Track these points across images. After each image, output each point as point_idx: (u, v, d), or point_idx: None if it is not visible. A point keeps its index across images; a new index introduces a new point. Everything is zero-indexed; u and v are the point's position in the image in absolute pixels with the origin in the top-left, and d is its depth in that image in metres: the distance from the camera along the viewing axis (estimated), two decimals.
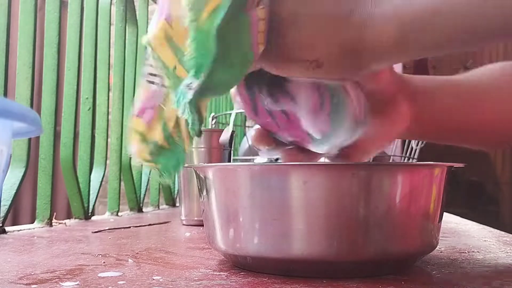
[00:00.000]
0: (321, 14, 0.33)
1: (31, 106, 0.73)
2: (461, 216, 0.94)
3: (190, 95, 0.30)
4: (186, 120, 0.31)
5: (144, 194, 1.09)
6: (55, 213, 0.75)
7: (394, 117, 0.43)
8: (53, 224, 0.74)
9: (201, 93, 0.30)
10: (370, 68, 0.35)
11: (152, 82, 0.36)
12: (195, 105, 0.30)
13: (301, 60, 0.33)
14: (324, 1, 0.33)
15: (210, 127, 1.06)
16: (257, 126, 0.41)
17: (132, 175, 1.03)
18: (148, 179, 1.13)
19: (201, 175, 0.40)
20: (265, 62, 0.34)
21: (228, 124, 1.42)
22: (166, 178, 0.36)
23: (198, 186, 0.42)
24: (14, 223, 1.13)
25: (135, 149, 0.36)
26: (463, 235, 0.64)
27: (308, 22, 0.33)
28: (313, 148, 0.40)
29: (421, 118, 0.44)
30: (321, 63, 0.33)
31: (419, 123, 0.45)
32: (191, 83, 0.30)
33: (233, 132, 0.80)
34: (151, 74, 0.36)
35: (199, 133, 0.32)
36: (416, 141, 1.04)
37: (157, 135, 0.35)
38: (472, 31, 0.31)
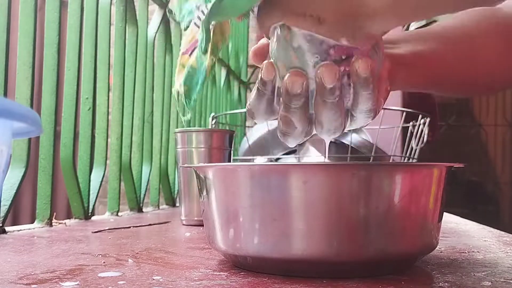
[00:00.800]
0: None
1: (31, 106, 0.73)
2: (461, 216, 0.94)
3: (201, 15, 0.35)
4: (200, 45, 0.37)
5: (144, 194, 1.09)
6: (55, 213, 0.75)
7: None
8: (53, 224, 0.74)
9: (211, 15, 0.34)
10: (370, 33, 0.37)
11: (199, 26, 0.40)
12: (207, 25, 0.34)
13: (305, 14, 0.35)
14: None
15: (210, 127, 1.06)
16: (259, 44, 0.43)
17: (132, 175, 1.03)
18: (148, 179, 1.13)
19: (201, 175, 0.40)
20: (279, 11, 0.36)
21: (228, 124, 1.42)
22: (188, 102, 0.41)
23: (198, 186, 0.42)
24: (14, 223, 1.13)
25: (177, 79, 0.41)
26: (463, 235, 0.64)
27: None
28: None
29: (404, 74, 0.46)
30: (323, 20, 0.35)
31: (402, 79, 0.46)
32: (201, 5, 0.35)
33: (233, 132, 0.80)
34: (199, 18, 0.40)
35: (205, 51, 0.37)
36: (416, 141, 1.04)
37: (191, 60, 0.41)
38: None
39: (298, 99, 0.38)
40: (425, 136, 1.04)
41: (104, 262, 0.42)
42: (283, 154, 1.24)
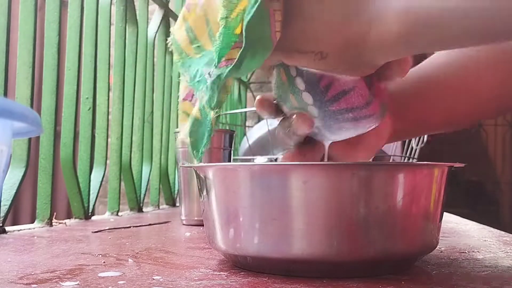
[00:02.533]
0: (328, 9, 0.34)
1: (31, 106, 0.73)
2: (461, 216, 0.94)
3: (214, 76, 0.35)
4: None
5: (144, 194, 1.09)
6: (55, 213, 0.75)
7: (377, 131, 0.44)
8: (53, 224, 0.74)
9: (228, 75, 0.35)
10: (372, 63, 0.35)
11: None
12: (218, 85, 0.35)
13: (306, 51, 0.34)
14: None
15: None
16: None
17: (132, 175, 1.03)
18: (148, 179, 1.13)
19: (201, 175, 0.40)
20: (279, 51, 0.35)
21: (228, 124, 1.42)
22: (195, 154, 0.41)
23: (198, 186, 0.42)
24: (14, 223, 1.13)
25: (183, 129, 0.41)
26: (463, 235, 0.64)
27: (316, 14, 0.34)
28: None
29: (403, 124, 0.47)
30: (325, 55, 0.34)
31: (403, 129, 0.47)
32: (210, 68, 0.36)
33: (233, 132, 0.80)
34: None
35: (216, 106, 0.37)
36: (416, 141, 1.04)
37: (195, 110, 0.40)
38: (476, 30, 0.31)
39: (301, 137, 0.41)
40: (425, 136, 1.04)
41: (104, 262, 0.42)
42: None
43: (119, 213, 0.95)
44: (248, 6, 0.32)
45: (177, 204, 1.22)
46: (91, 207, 0.86)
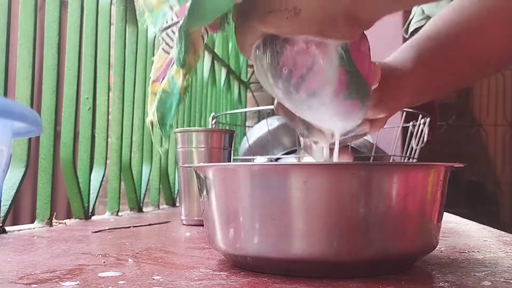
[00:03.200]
0: None
1: (31, 106, 0.73)
2: (461, 216, 0.94)
3: (178, 26, 0.33)
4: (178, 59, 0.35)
5: (144, 194, 1.09)
6: (55, 213, 0.75)
7: (395, 93, 0.44)
8: (53, 224, 0.74)
9: (189, 21, 0.32)
10: (357, 14, 0.34)
11: (168, 52, 0.40)
12: (185, 32, 0.33)
13: (279, 9, 0.33)
14: None
15: (210, 127, 1.06)
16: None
17: (132, 175, 1.03)
18: (148, 179, 1.13)
19: (201, 175, 0.40)
20: (253, 17, 0.34)
21: (228, 124, 1.42)
22: (163, 130, 0.39)
23: (198, 186, 0.42)
24: (14, 223, 1.13)
25: (150, 109, 0.39)
26: (463, 235, 0.64)
27: None
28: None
29: (421, 85, 0.46)
30: (299, 11, 0.33)
31: (420, 89, 0.46)
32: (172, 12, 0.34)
33: (233, 132, 0.80)
34: (169, 46, 0.39)
35: (184, 62, 0.34)
36: (416, 141, 1.04)
37: (163, 84, 0.38)
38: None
39: None
40: (425, 136, 1.04)
41: (104, 262, 0.42)
42: (283, 154, 1.24)
43: (119, 213, 0.95)
44: None
45: (177, 204, 1.22)
46: (91, 207, 0.86)
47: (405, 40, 1.11)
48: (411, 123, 1.05)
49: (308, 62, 0.36)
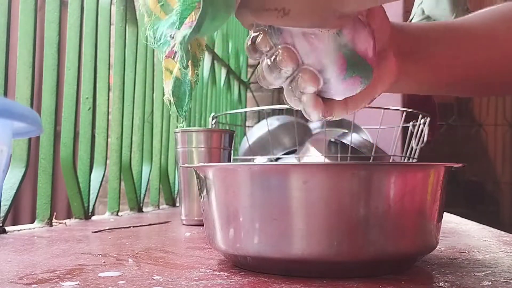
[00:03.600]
0: None
1: (31, 106, 0.73)
2: (461, 216, 0.94)
3: (179, 38, 0.34)
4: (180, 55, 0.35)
5: (144, 194, 1.09)
6: (55, 213, 0.75)
7: (380, 72, 0.41)
8: (53, 224, 0.74)
9: (190, 37, 0.33)
10: (341, 8, 0.35)
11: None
12: (184, 47, 0.34)
13: (270, 8, 0.34)
14: None
15: (210, 127, 1.06)
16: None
17: (132, 175, 1.03)
18: (148, 179, 1.13)
19: (201, 175, 0.40)
20: (248, 11, 0.35)
21: (228, 124, 1.42)
22: (179, 112, 0.40)
23: (198, 186, 0.42)
24: (14, 223, 1.13)
25: (166, 87, 0.40)
26: (463, 235, 0.64)
27: None
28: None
29: (414, 72, 0.43)
30: (288, 11, 0.34)
31: (411, 76, 0.44)
32: (173, 30, 0.35)
33: (233, 132, 0.80)
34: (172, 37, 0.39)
35: (186, 67, 0.36)
36: (416, 141, 1.04)
37: (175, 69, 0.39)
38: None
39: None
40: (425, 136, 1.04)
41: (104, 262, 0.42)
42: (283, 154, 1.24)
43: (119, 213, 0.95)
44: None
45: (177, 204, 1.22)
46: (91, 207, 0.86)
47: None
48: (411, 123, 1.05)
49: (305, 47, 0.37)
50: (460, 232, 0.67)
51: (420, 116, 1.04)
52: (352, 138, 1.04)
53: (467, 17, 0.47)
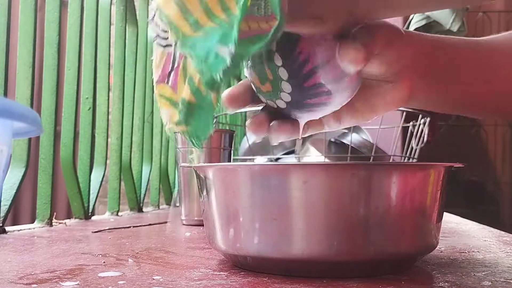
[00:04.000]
0: None
1: (31, 106, 0.73)
2: (461, 216, 0.94)
3: (235, 53, 0.29)
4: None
5: (144, 194, 1.09)
6: (55, 213, 0.75)
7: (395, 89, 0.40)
8: (53, 224, 0.74)
9: (259, 46, 0.29)
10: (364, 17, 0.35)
11: (165, 45, 0.35)
12: (236, 64, 0.29)
13: (307, 16, 0.33)
14: None
15: None
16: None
17: (132, 175, 1.03)
18: (148, 179, 1.13)
19: (201, 175, 0.40)
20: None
21: (228, 124, 1.41)
22: (196, 143, 0.35)
23: (198, 186, 0.42)
24: (14, 223, 1.13)
25: (166, 116, 0.36)
26: (463, 235, 0.64)
27: None
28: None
29: (430, 87, 0.41)
30: (326, 20, 0.34)
31: (428, 92, 0.41)
32: (228, 45, 0.29)
33: (233, 132, 0.80)
34: (161, 37, 0.35)
35: (219, 87, 0.31)
36: (416, 141, 1.04)
37: (184, 93, 0.34)
38: None
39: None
40: (425, 136, 1.04)
41: (104, 262, 0.42)
42: (283, 154, 1.24)
43: (119, 213, 0.95)
44: None
45: (177, 204, 1.22)
46: (91, 207, 0.86)
47: None
48: (411, 123, 1.05)
49: (325, 55, 0.35)
50: (460, 232, 0.67)
51: (420, 116, 1.04)
52: (352, 138, 1.04)
53: (493, 37, 0.44)
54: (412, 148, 1.05)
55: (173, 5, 0.32)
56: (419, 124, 1.03)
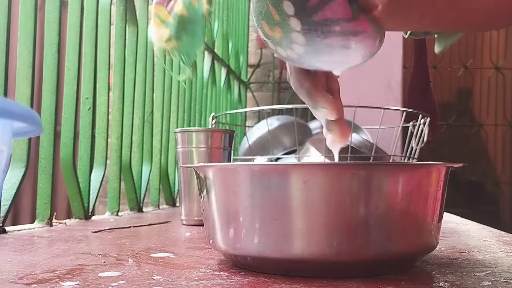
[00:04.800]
0: None
1: (31, 106, 0.73)
2: (461, 216, 0.94)
3: None
4: None
5: (144, 194, 1.09)
6: (55, 213, 0.75)
7: None
8: (53, 224, 0.74)
9: None
10: None
11: None
12: None
13: None
14: None
15: (210, 127, 1.06)
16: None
17: (132, 175, 1.03)
18: (148, 179, 1.13)
19: (201, 175, 0.40)
20: None
21: (228, 124, 1.42)
22: (186, 60, 0.35)
23: (198, 186, 0.42)
24: (14, 223, 1.13)
25: (156, 34, 0.35)
26: (463, 235, 0.64)
27: None
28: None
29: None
30: None
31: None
32: None
33: (233, 132, 0.80)
34: None
35: None
36: (416, 141, 1.04)
37: (177, 7, 0.34)
38: None
39: None
40: (425, 136, 1.04)
41: (104, 262, 0.42)
42: (283, 154, 1.24)
43: (119, 213, 0.95)
44: None
45: (177, 204, 1.22)
46: (91, 207, 0.86)
47: (404, 39, 1.11)
48: (411, 123, 1.05)
49: None
50: (460, 232, 0.67)
51: (420, 116, 1.04)
52: (352, 138, 1.04)
53: None
54: (412, 148, 1.05)
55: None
56: (419, 124, 1.03)
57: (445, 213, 0.45)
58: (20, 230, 0.66)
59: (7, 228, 0.64)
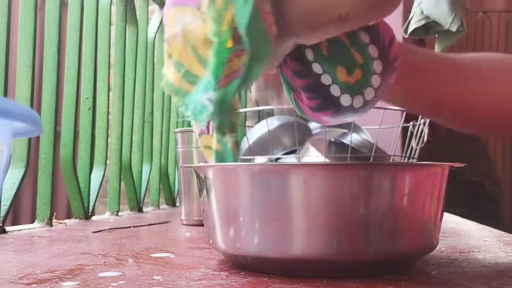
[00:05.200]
0: None
1: (31, 106, 0.73)
2: (461, 216, 0.94)
3: (218, 98, 0.32)
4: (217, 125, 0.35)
5: (144, 194, 1.09)
6: (55, 213, 0.75)
7: None
8: (53, 224, 0.74)
9: (236, 89, 0.32)
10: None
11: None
12: (225, 106, 0.33)
13: (327, 20, 0.33)
14: None
15: None
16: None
17: (132, 175, 1.03)
18: (148, 179, 1.13)
19: (201, 175, 0.40)
20: (293, 36, 0.34)
21: None
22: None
23: (198, 186, 0.42)
24: (14, 223, 1.13)
25: (210, 158, 0.39)
26: (463, 235, 0.64)
27: None
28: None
29: (410, 88, 0.43)
30: (345, 15, 0.33)
31: (407, 92, 0.44)
32: (209, 92, 0.33)
33: None
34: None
35: (230, 130, 0.35)
36: (416, 141, 1.04)
37: (214, 143, 0.38)
38: None
39: None
40: (425, 136, 1.04)
41: (104, 262, 0.42)
42: (283, 154, 1.24)
43: (119, 213, 0.95)
44: (236, 12, 0.31)
45: (177, 204, 1.22)
46: (91, 207, 0.86)
47: (404, 40, 1.11)
48: (411, 123, 1.05)
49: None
50: (460, 232, 0.67)
51: (420, 116, 1.04)
52: (352, 138, 1.04)
53: (458, 54, 0.47)
54: (412, 148, 1.05)
55: (172, 68, 0.36)
56: (419, 124, 1.03)
57: (445, 213, 0.45)
58: (20, 230, 0.66)
59: (7, 228, 0.64)
